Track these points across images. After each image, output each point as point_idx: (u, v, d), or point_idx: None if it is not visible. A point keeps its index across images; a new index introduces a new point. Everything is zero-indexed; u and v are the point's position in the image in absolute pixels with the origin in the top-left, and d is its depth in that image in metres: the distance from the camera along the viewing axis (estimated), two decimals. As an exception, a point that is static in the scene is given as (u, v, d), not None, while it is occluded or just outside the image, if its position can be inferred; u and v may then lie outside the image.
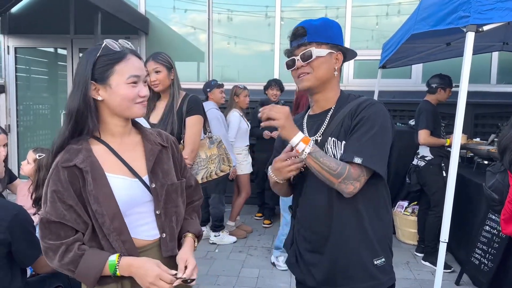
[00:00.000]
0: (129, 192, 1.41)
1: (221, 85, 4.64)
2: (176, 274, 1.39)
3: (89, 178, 1.34)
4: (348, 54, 1.64)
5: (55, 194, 1.33)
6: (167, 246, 1.48)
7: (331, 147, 1.54)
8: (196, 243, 1.59)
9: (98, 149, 1.41)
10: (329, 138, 1.55)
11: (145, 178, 1.46)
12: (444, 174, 3.89)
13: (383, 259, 1.55)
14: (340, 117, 1.55)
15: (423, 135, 3.92)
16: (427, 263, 4.00)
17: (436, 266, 2.75)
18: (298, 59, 1.55)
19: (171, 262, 1.47)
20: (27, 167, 2.61)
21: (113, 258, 1.35)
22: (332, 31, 1.57)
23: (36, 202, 2.43)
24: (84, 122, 1.37)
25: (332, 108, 1.61)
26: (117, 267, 1.34)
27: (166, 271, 1.36)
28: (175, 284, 1.37)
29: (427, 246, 4.02)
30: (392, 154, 1.55)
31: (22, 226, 1.77)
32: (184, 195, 1.58)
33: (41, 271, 2.06)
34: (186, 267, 1.43)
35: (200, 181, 2.62)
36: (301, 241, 1.66)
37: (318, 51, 1.53)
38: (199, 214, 1.72)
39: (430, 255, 3.94)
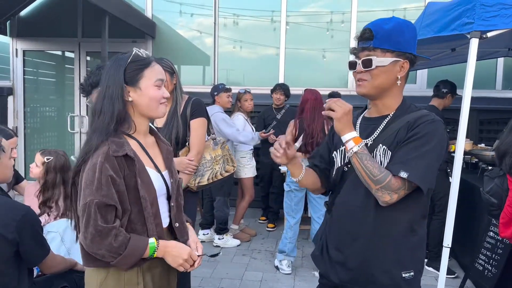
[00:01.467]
0: (158, 183, 1.59)
1: (229, 89, 4.65)
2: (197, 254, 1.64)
3: (138, 165, 1.49)
4: (417, 61, 1.56)
5: (110, 179, 1.43)
6: (182, 232, 1.68)
7: (380, 154, 1.51)
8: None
9: (132, 144, 1.55)
10: (380, 145, 1.51)
11: (164, 173, 1.64)
12: (450, 180, 3.88)
13: (412, 273, 1.52)
14: (396, 126, 1.51)
15: None
16: (430, 269, 3.99)
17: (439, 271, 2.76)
18: (359, 64, 1.50)
19: None
20: (36, 169, 2.62)
21: (152, 240, 1.49)
22: (402, 37, 1.49)
23: (44, 204, 2.46)
24: (125, 121, 1.52)
25: (390, 115, 1.56)
26: (156, 248, 1.50)
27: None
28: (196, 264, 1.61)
29: (431, 251, 4.01)
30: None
31: (30, 226, 1.80)
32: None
33: (48, 271, 2.08)
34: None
35: (206, 182, 2.72)
36: (331, 237, 1.66)
37: (380, 60, 1.46)
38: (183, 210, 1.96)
39: (434, 260, 3.92)
